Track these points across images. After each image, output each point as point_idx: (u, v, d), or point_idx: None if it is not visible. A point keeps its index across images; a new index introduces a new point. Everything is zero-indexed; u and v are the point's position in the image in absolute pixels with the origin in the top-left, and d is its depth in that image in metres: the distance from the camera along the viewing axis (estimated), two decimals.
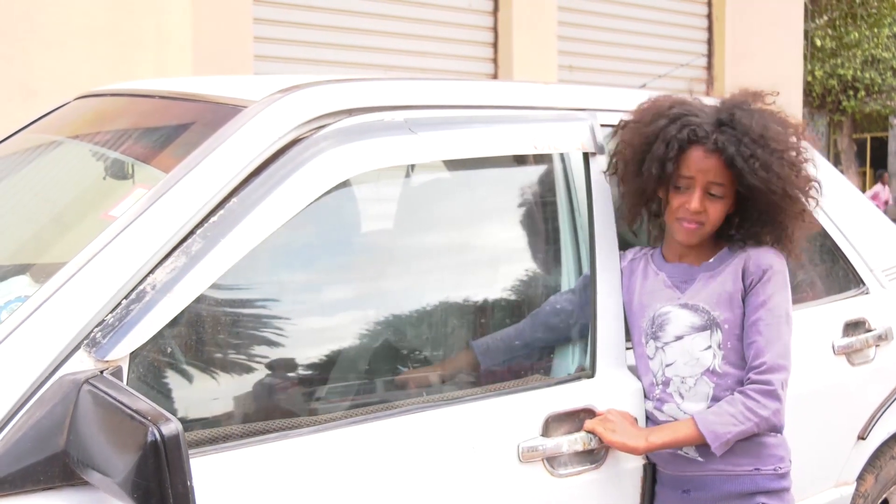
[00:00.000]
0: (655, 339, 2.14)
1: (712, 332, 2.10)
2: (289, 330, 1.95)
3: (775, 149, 2.07)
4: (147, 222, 1.65)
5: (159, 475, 1.36)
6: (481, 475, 1.90)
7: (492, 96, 2.22)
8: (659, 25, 8.05)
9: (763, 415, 2.02)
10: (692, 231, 2.10)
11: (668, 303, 2.13)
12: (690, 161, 2.07)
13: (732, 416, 2.02)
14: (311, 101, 1.88)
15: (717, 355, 2.09)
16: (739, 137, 2.05)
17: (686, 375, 2.11)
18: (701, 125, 2.07)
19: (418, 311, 2.15)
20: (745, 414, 2.02)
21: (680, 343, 2.11)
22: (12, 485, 1.44)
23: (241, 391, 1.86)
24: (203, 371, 1.80)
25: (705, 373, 2.10)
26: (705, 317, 2.10)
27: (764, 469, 2.10)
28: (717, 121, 2.08)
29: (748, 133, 2.05)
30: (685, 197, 2.08)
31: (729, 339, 2.09)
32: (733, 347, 2.09)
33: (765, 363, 2.03)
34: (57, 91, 3.34)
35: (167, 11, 5.14)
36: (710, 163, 2.06)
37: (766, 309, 2.07)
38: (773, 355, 2.04)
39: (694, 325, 2.10)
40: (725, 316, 2.09)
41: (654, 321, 2.14)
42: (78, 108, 2.43)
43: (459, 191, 2.34)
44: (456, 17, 6.76)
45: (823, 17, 17.40)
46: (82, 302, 1.56)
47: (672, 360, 2.12)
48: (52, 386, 1.50)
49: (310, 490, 1.70)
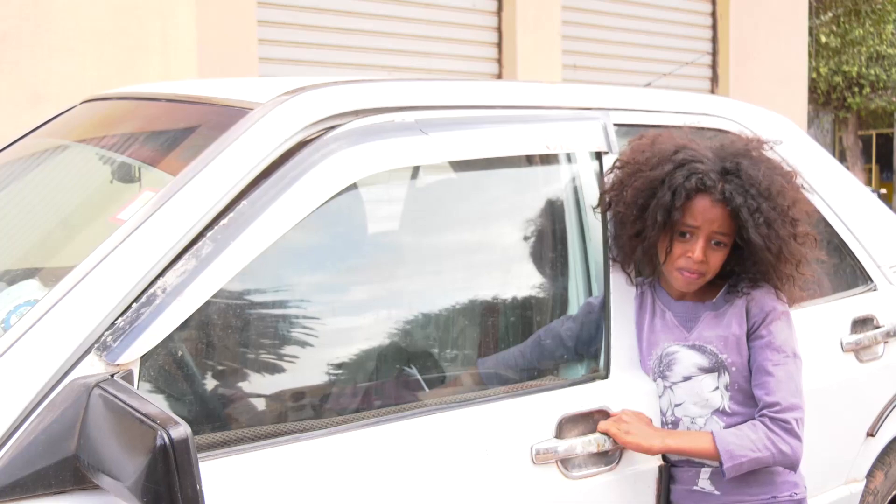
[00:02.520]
0: (664, 378, 2.13)
1: (720, 374, 2.09)
2: (300, 332, 1.95)
3: (779, 204, 2.04)
4: (155, 225, 1.65)
5: (169, 479, 1.36)
6: (495, 477, 1.90)
7: (503, 96, 2.21)
8: (663, 24, 8.04)
9: (783, 449, 2.01)
10: (692, 281, 2.08)
11: (676, 342, 2.12)
12: (696, 210, 2.03)
13: (752, 442, 2.00)
14: (318, 102, 1.88)
15: (724, 396, 2.09)
16: (746, 188, 2.01)
17: (696, 416, 2.10)
18: (707, 173, 2.02)
19: (431, 313, 2.15)
20: (766, 443, 2.01)
21: (689, 384, 2.10)
22: (24, 489, 1.44)
23: (251, 394, 1.86)
24: (214, 374, 1.81)
25: (715, 413, 2.09)
26: (713, 359, 2.09)
27: (780, 496, 2.10)
28: (723, 169, 2.04)
29: (754, 185, 2.02)
30: (688, 246, 2.05)
31: (737, 380, 2.08)
32: (741, 389, 2.08)
33: (779, 403, 2.02)
34: (64, 95, 3.36)
35: (172, 15, 5.15)
36: (716, 212, 2.03)
37: (773, 349, 2.05)
38: (786, 394, 2.03)
39: (702, 367, 2.09)
40: (733, 359, 2.08)
41: (662, 360, 2.13)
42: (84, 112, 2.43)
43: (471, 192, 2.33)
44: (460, 17, 6.76)
45: (828, 14, 17.37)
46: (92, 306, 1.56)
47: (681, 400, 2.11)
48: (63, 390, 1.50)
49: (322, 493, 1.70)
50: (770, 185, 2.03)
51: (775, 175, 2.07)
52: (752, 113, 2.66)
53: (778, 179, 2.07)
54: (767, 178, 2.04)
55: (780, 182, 2.06)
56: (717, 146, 2.11)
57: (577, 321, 2.19)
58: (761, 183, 2.02)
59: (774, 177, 2.06)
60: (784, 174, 2.11)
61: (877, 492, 2.72)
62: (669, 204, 2.02)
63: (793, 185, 2.11)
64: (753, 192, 2.01)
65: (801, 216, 2.09)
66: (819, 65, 17.43)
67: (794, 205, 2.08)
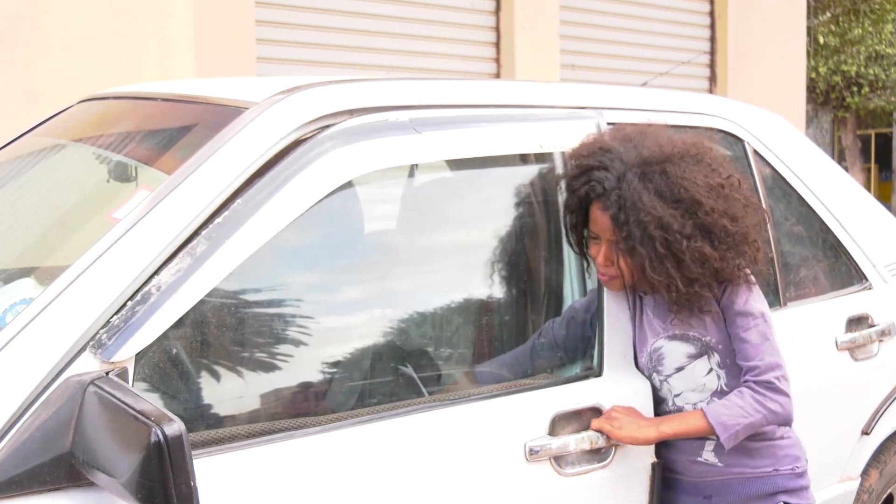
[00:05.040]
0: (657, 372, 2.14)
1: (709, 355, 2.10)
2: (294, 331, 1.96)
3: (650, 228, 1.94)
4: (150, 224, 1.66)
5: (163, 476, 1.37)
6: (488, 474, 1.90)
7: (497, 95, 2.21)
8: (661, 23, 8.04)
9: (771, 407, 2.02)
10: (608, 282, 2.09)
11: (657, 336, 2.13)
12: (592, 217, 2.05)
13: (741, 409, 2.02)
14: (313, 101, 1.89)
15: (720, 376, 2.10)
16: (626, 199, 1.96)
17: (696, 401, 2.11)
18: (604, 180, 1.99)
19: (425, 311, 2.15)
20: (754, 406, 2.02)
21: (682, 373, 2.11)
22: (19, 485, 1.45)
23: (246, 391, 1.87)
24: (209, 372, 1.81)
25: (714, 394, 2.10)
26: (698, 343, 2.10)
27: (782, 469, 2.12)
28: (621, 175, 1.98)
29: (636, 202, 1.95)
30: (596, 250, 2.07)
31: (727, 356, 2.09)
32: (733, 363, 2.09)
33: (758, 366, 2.03)
34: (61, 95, 3.35)
35: (170, 15, 5.15)
36: (605, 221, 2.01)
37: (741, 315, 2.05)
38: (763, 355, 2.04)
39: (690, 354, 2.10)
40: (717, 338, 2.09)
41: (652, 356, 2.14)
42: (81, 112, 2.44)
43: (464, 191, 2.34)
44: (457, 17, 6.76)
45: (826, 14, 17.36)
46: (87, 304, 1.57)
47: (679, 390, 2.13)
48: (59, 387, 1.51)
49: (316, 490, 1.71)
50: (652, 206, 1.94)
51: (669, 197, 1.97)
52: (748, 113, 2.66)
53: (693, 189, 1.97)
54: (654, 196, 1.96)
55: (667, 209, 1.95)
56: (643, 152, 2.02)
57: (570, 320, 2.20)
58: (644, 201, 1.95)
59: (667, 197, 1.96)
60: (709, 185, 1.99)
61: (871, 490, 2.73)
62: (568, 207, 2.08)
63: (719, 193, 2.00)
64: (629, 206, 1.95)
65: (718, 225, 1.98)
66: (818, 64, 17.43)
67: (711, 213, 1.97)
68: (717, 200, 2.00)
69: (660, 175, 1.98)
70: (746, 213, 2.04)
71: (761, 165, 2.59)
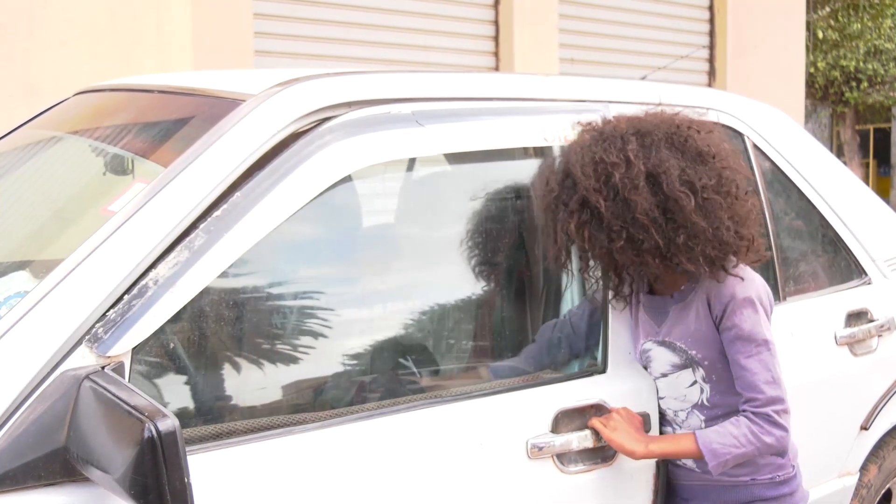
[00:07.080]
0: (647, 372, 2.14)
1: (694, 368, 2.07)
2: (293, 325, 1.95)
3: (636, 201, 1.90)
4: (146, 217, 1.65)
5: (156, 471, 1.36)
6: (490, 471, 1.89)
7: (500, 88, 2.20)
8: (660, 17, 8.03)
9: (767, 441, 1.99)
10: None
11: (648, 338, 2.11)
12: None
13: (735, 438, 1.99)
14: (311, 94, 1.87)
15: (704, 389, 2.08)
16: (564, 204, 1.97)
17: (677, 409, 2.11)
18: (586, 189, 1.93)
19: (426, 305, 2.14)
20: (749, 438, 1.98)
21: (667, 380, 2.10)
22: (14, 480, 1.44)
23: (243, 386, 1.86)
24: (206, 366, 1.80)
25: (694, 407, 2.09)
26: (683, 356, 2.07)
27: (760, 478, 2.10)
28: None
29: (567, 202, 1.96)
30: None
31: (713, 371, 2.06)
32: (719, 378, 2.06)
33: (758, 399, 1.99)
34: (58, 89, 3.34)
35: (168, 9, 5.13)
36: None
37: (742, 340, 2.00)
38: (763, 386, 1.98)
39: (674, 364, 2.08)
40: (703, 354, 2.05)
41: (642, 357, 2.13)
42: (77, 104, 2.43)
43: (467, 184, 2.32)
44: (456, 10, 6.75)
45: (825, 9, 17.35)
46: (82, 297, 1.55)
47: (663, 394, 2.12)
48: (54, 382, 1.50)
49: (315, 487, 1.70)
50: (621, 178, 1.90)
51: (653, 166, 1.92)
52: (749, 107, 2.65)
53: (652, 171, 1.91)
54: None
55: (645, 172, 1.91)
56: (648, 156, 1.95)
57: (578, 315, 2.19)
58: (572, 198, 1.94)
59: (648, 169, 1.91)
60: (680, 166, 1.93)
61: (870, 485, 2.72)
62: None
63: (681, 173, 1.93)
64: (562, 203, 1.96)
65: (678, 212, 1.91)
66: (817, 59, 17.40)
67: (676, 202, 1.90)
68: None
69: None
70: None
71: (761, 159, 2.58)
